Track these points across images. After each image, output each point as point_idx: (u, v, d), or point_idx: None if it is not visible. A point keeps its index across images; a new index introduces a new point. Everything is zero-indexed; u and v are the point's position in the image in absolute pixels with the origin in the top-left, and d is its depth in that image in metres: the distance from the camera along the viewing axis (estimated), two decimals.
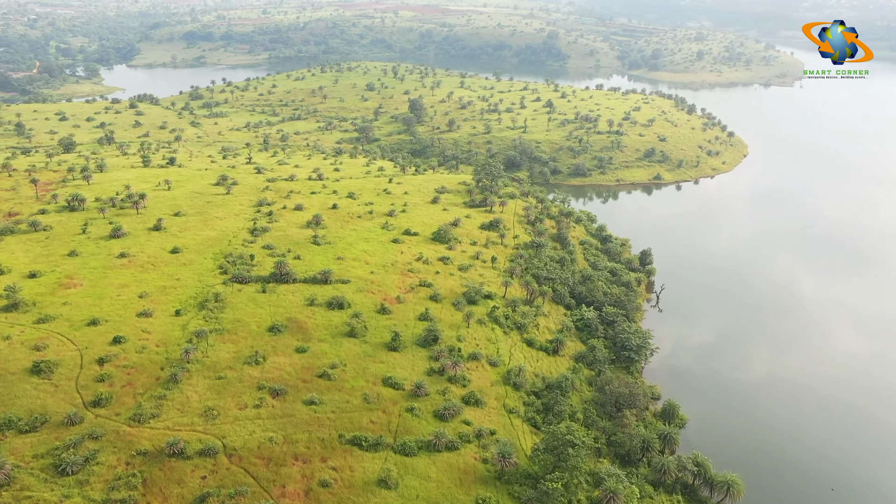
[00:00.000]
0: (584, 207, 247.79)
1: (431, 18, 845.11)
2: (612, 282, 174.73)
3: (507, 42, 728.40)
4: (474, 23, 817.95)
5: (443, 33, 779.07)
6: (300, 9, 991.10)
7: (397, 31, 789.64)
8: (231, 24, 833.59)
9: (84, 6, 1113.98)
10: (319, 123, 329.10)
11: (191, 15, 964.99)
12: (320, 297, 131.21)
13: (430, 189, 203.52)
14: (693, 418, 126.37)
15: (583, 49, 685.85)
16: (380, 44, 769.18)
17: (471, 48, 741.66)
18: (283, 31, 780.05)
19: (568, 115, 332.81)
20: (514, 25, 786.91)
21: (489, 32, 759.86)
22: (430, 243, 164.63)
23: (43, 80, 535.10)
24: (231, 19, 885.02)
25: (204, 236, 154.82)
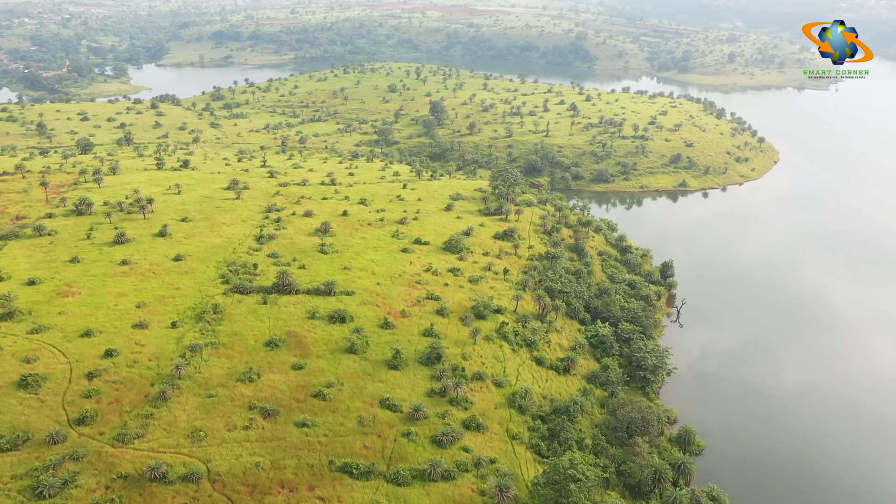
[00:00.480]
0: (606, 215, 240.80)
1: (459, 19, 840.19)
2: (631, 295, 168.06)
3: (534, 43, 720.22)
4: (502, 23, 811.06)
5: (470, 34, 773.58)
6: (328, 9, 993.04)
7: (424, 31, 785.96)
8: (259, 23, 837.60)
9: (117, 5, 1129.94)
10: (339, 125, 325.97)
11: (220, 14, 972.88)
12: (322, 309, 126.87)
13: (445, 196, 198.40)
14: (712, 443, 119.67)
15: (611, 50, 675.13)
16: (406, 44, 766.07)
17: (498, 49, 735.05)
18: (309, 32, 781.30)
19: (592, 118, 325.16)
20: (542, 26, 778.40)
21: (517, 33, 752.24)
22: (440, 253, 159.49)
23: (72, 79, 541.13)
24: (259, 19, 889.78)
25: (209, 243, 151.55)
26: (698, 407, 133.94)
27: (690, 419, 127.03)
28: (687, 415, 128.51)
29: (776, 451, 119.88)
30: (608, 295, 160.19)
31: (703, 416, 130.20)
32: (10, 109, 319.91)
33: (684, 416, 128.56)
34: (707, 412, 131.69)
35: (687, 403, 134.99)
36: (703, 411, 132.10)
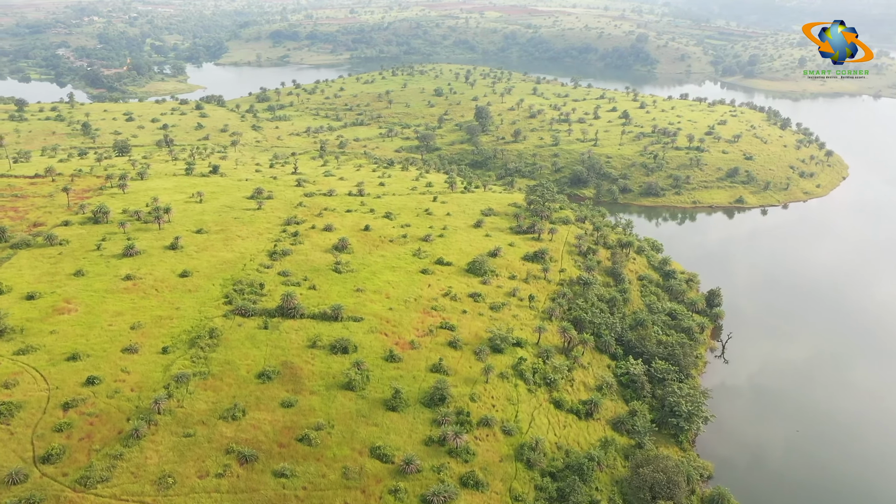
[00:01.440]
0: (653, 232, 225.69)
1: (517, 19, 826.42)
2: (671, 327, 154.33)
3: (593, 45, 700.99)
4: (561, 24, 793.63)
5: (527, 35, 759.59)
6: (387, 8, 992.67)
7: (481, 31, 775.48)
8: (317, 23, 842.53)
9: (184, 4, 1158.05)
10: (381, 130, 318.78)
11: (281, 14, 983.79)
12: (326, 337, 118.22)
13: (476, 210, 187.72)
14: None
15: (673, 53, 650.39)
16: (462, 45, 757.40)
17: (555, 51, 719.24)
18: (366, 32, 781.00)
19: (644, 127, 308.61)
20: (602, 27, 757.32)
21: (575, 34, 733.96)
22: (462, 276, 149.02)
23: (131, 77, 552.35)
24: (318, 18, 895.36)
25: (220, 258, 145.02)
26: (739, 459, 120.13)
27: (728, 477, 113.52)
28: (724, 472, 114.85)
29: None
30: (644, 327, 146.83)
31: (745, 471, 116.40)
32: (59, 109, 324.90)
33: (721, 472, 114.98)
34: (750, 468, 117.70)
35: (726, 455, 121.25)
36: (744, 466, 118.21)
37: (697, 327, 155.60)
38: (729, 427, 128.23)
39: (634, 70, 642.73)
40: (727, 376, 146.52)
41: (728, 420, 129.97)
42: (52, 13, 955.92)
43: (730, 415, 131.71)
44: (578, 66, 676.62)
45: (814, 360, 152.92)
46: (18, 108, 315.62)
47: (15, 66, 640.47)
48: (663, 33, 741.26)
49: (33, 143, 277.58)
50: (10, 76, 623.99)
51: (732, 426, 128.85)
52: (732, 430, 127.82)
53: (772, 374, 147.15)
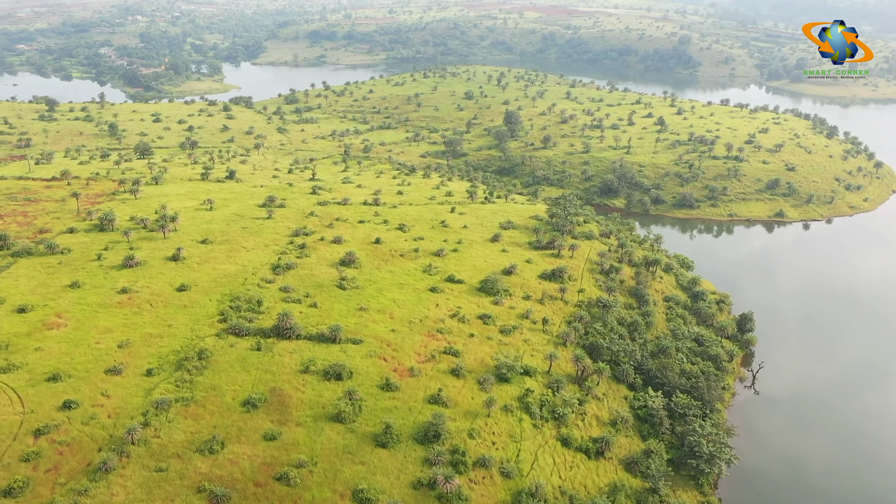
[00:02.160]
0: (685, 247, 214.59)
1: (556, 20, 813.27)
2: (697, 354, 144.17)
3: (633, 47, 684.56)
4: (601, 25, 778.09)
5: (566, 36, 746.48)
6: (426, 8, 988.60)
7: (519, 32, 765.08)
8: (355, 23, 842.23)
9: (227, 4, 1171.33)
10: (408, 134, 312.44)
11: (320, 14, 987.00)
12: (321, 360, 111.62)
13: (495, 223, 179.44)
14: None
15: (717, 56, 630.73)
16: (500, 46, 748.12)
17: (594, 52, 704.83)
18: (403, 32, 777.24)
19: (680, 135, 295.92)
20: (644, 29, 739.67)
21: (615, 36, 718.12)
22: (473, 295, 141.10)
23: (168, 76, 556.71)
24: (357, 18, 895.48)
25: (221, 271, 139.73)
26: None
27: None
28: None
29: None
30: (666, 355, 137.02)
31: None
32: (89, 109, 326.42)
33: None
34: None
35: (752, 503, 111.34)
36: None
37: (726, 355, 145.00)
38: (756, 470, 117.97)
39: (675, 73, 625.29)
40: (757, 410, 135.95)
41: (755, 461, 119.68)
42: (99, 12, 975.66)
43: (757, 455, 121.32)
44: (618, 69, 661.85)
45: (854, 395, 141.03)
46: (49, 107, 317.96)
47: (58, 65, 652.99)
48: (707, 35, 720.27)
49: (60, 143, 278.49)
50: (54, 74, 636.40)
51: (760, 468, 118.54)
52: (760, 472, 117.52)
53: (807, 409, 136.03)
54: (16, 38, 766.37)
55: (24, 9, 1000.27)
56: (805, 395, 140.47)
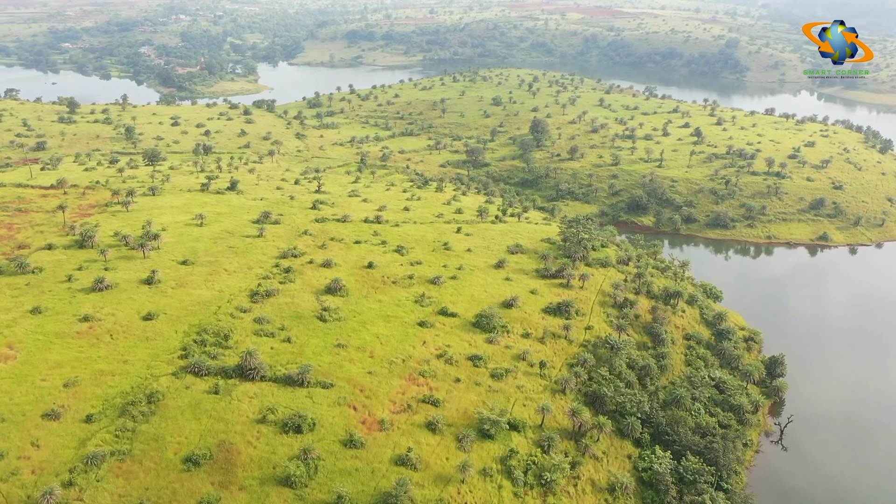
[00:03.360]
0: (715, 272, 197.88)
1: (599, 21, 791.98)
2: (717, 403, 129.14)
3: (678, 50, 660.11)
4: (645, 27, 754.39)
5: (608, 38, 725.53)
6: (467, 8, 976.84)
7: (560, 34, 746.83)
8: (394, 23, 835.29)
9: (270, 3, 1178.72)
10: (430, 141, 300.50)
11: (361, 13, 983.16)
12: (282, 408, 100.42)
13: (502, 246, 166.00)
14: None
15: (765, 60, 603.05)
16: (540, 47, 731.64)
17: (637, 55, 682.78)
18: (441, 33, 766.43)
19: (718, 147, 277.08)
20: (690, 31, 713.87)
21: (659, 38, 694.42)
22: (467, 330, 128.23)
23: (201, 76, 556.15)
24: (396, 18, 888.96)
25: (195, 297, 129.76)
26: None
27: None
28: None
29: None
30: (680, 405, 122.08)
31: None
32: (109, 111, 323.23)
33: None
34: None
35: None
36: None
37: (750, 405, 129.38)
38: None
39: (721, 78, 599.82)
40: (784, 471, 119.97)
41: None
42: (145, 11, 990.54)
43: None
44: (661, 73, 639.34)
45: None
46: (70, 109, 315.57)
47: (99, 63, 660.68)
48: (756, 38, 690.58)
49: (75, 146, 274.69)
50: (94, 73, 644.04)
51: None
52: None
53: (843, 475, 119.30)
54: (62, 36, 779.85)
55: (74, 7, 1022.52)
56: (842, 459, 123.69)
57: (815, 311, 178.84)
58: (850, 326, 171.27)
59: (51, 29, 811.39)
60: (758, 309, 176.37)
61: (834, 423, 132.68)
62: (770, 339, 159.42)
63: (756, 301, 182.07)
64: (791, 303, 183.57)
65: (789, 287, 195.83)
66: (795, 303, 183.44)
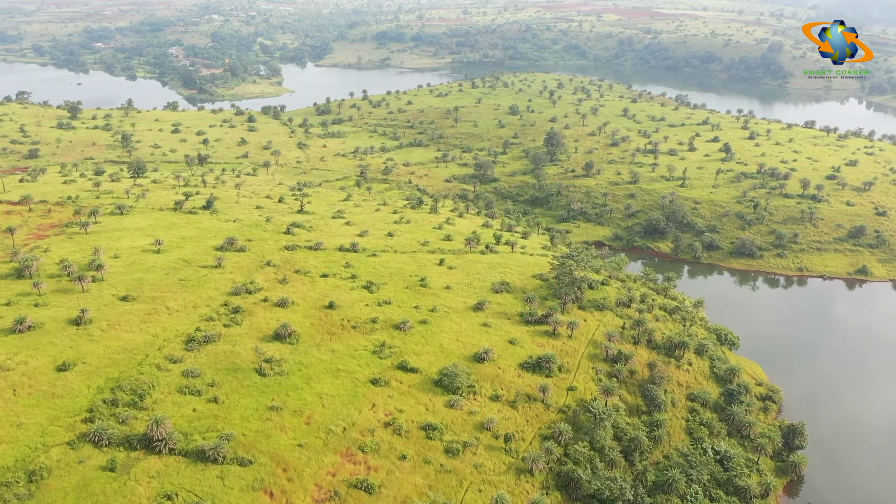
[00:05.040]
0: (735, 309, 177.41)
1: (635, 23, 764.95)
2: (719, 484, 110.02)
3: (717, 54, 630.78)
4: (684, 29, 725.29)
5: (645, 40, 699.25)
6: (501, 9, 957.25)
7: (594, 36, 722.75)
8: (425, 24, 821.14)
9: (305, 2, 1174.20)
10: (438, 153, 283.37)
11: (394, 13, 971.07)
12: (185, 492, 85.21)
13: (486, 283, 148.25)
14: None
15: (811, 66, 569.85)
16: (572, 50, 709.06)
17: (674, 59, 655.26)
18: (471, 35, 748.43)
19: (749, 165, 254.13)
20: (731, 34, 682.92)
21: (698, 42, 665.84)
22: (426, 390, 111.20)
23: (223, 78, 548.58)
24: (429, 19, 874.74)
25: (123, 343, 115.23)
26: None
27: None
28: None
29: None
30: (672, 489, 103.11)
31: None
32: (112, 116, 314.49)
33: None
34: None
35: None
36: None
37: (759, 487, 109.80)
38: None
39: (763, 84, 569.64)
40: None
41: None
42: (180, 10, 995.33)
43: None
44: (699, 78, 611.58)
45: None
46: (71, 114, 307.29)
47: (127, 64, 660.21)
48: (802, 42, 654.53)
49: (69, 154, 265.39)
50: (122, 73, 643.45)
51: None
52: None
53: None
54: (96, 35, 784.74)
55: (112, 7, 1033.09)
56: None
57: (849, 361, 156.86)
58: (888, 379, 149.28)
59: (86, 28, 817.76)
60: (781, 357, 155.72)
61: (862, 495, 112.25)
62: (793, 396, 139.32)
63: (780, 347, 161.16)
64: (821, 351, 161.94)
65: (820, 330, 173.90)
66: (827, 351, 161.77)
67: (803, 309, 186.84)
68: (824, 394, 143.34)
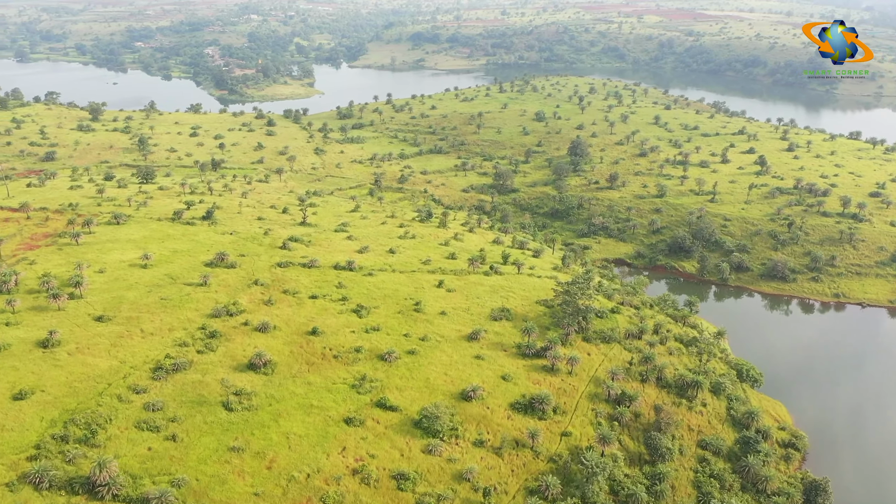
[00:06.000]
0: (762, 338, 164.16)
1: (677, 25, 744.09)
2: None
3: (761, 57, 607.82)
4: (728, 31, 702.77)
5: (686, 43, 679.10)
6: (541, 10, 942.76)
7: (634, 38, 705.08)
8: (461, 25, 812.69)
9: (345, 3, 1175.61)
10: (458, 161, 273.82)
11: (432, 14, 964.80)
12: None
13: (486, 309, 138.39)
14: None
15: None
16: (611, 52, 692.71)
17: (716, 62, 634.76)
18: (508, 36, 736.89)
19: (785, 179, 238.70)
20: (777, 37, 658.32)
21: (742, 45, 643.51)
22: (404, 433, 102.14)
23: (255, 79, 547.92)
24: (465, 20, 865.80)
25: (88, 370, 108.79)
26: None
27: None
28: None
29: None
30: None
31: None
32: (132, 118, 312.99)
33: None
34: None
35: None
36: None
37: None
38: None
39: (809, 89, 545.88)
40: None
41: None
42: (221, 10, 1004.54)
43: None
44: (741, 82, 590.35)
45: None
46: (93, 116, 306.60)
47: (164, 64, 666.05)
48: None
49: (85, 157, 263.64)
50: (158, 73, 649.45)
51: None
52: None
53: None
54: (137, 35, 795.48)
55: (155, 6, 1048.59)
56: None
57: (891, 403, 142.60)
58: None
59: (128, 28, 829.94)
60: (810, 396, 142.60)
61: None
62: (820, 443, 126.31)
63: (810, 384, 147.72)
64: (857, 390, 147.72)
65: (856, 365, 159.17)
66: (863, 390, 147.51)
67: (838, 340, 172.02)
68: (857, 442, 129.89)
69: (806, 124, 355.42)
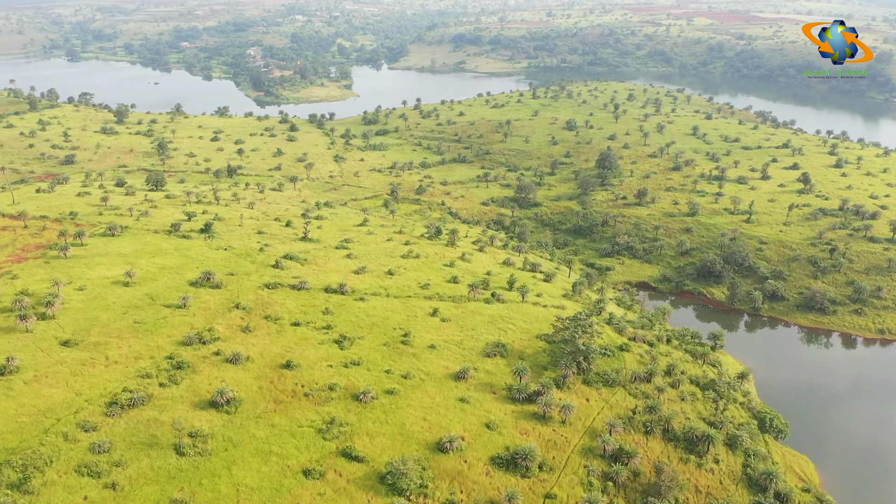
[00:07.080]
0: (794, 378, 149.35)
1: (728, 28, 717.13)
2: None
3: (816, 63, 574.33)
4: (782, 35, 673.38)
5: (737, 47, 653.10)
6: (587, 11, 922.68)
7: (681, 42, 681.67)
8: (504, 26, 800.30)
9: (391, 3, 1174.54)
10: (481, 171, 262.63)
11: (476, 15, 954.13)
12: None
13: (480, 343, 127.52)
14: None
15: None
16: (657, 56, 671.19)
17: (768, 68, 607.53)
18: (551, 38, 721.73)
19: (830, 199, 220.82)
20: None
21: (796, 49, 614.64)
22: (367, 488, 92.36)
23: (291, 81, 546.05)
24: (509, 21, 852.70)
25: (42, 402, 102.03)
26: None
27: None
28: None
29: None
30: None
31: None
32: (157, 121, 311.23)
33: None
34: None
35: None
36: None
37: None
38: None
39: (867, 98, 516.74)
40: None
41: None
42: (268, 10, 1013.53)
43: None
44: (795, 89, 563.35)
45: None
46: (118, 119, 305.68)
47: (206, 64, 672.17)
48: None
49: (104, 161, 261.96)
50: (199, 73, 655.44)
51: None
52: None
53: None
54: (184, 35, 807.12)
55: (204, 6, 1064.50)
56: None
57: None
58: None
59: (176, 28, 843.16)
60: (842, 450, 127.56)
61: None
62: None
63: (843, 435, 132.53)
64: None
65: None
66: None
67: (881, 384, 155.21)
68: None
69: (861, 136, 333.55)
